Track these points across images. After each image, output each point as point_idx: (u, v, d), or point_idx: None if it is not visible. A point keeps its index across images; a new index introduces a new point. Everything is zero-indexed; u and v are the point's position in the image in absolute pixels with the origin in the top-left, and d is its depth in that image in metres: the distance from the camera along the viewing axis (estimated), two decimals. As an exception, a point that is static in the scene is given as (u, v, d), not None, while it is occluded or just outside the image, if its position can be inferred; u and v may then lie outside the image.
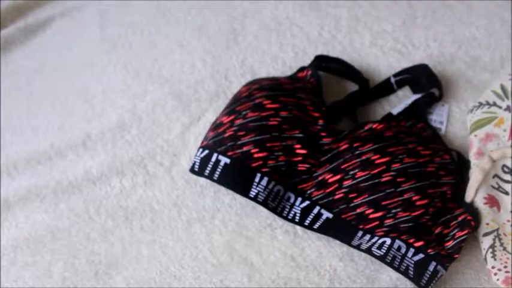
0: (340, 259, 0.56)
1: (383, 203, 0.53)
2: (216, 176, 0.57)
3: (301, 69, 0.65)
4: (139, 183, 0.62)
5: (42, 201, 0.62)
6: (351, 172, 0.54)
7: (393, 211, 0.53)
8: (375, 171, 0.53)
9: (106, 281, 0.56)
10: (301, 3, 0.76)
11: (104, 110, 0.69)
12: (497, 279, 0.51)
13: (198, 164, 0.58)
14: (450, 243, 0.52)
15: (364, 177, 0.54)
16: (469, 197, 0.55)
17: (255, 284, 0.55)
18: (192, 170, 0.59)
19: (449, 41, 0.71)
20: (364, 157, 0.54)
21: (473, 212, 0.54)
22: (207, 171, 0.57)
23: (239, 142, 0.56)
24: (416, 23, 0.73)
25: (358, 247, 0.55)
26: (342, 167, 0.55)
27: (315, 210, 0.56)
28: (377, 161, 0.54)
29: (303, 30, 0.73)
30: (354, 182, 0.54)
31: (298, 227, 0.58)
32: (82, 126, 0.67)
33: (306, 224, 0.56)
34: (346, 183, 0.54)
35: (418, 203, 0.53)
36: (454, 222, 0.53)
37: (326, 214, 0.56)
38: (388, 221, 0.53)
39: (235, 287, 0.55)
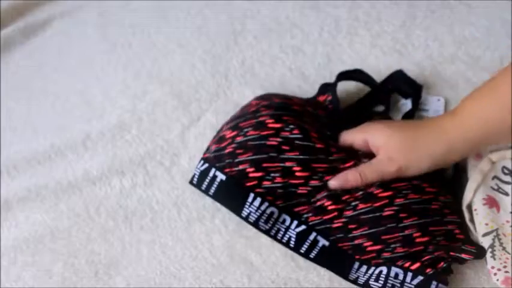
0: (340, 259, 0.56)
1: (383, 237, 0.52)
2: (211, 191, 0.57)
3: (323, 88, 0.63)
4: (139, 183, 0.62)
5: (42, 201, 0.62)
6: (353, 203, 0.53)
7: (392, 246, 0.52)
8: (377, 204, 0.52)
9: (106, 281, 0.56)
10: (301, 3, 0.76)
11: (104, 110, 0.69)
12: (497, 280, 0.51)
13: (197, 176, 0.59)
14: (442, 264, 0.51)
15: (365, 210, 0.53)
16: (467, 198, 0.55)
17: (255, 284, 0.55)
18: (191, 182, 0.59)
19: (449, 41, 0.71)
20: (368, 190, 0.53)
21: (480, 249, 0.52)
22: (204, 186, 0.58)
23: (236, 160, 0.55)
24: (416, 23, 0.73)
25: (355, 282, 0.53)
26: (343, 198, 0.54)
27: (311, 237, 0.55)
28: (380, 195, 0.53)
29: (303, 31, 0.73)
30: (355, 213, 0.53)
31: (298, 227, 0.58)
32: (82, 126, 0.67)
33: (302, 251, 0.55)
34: (347, 213, 0.53)
35: (418, 240, 0.51)
36: (456, 254, 0.52)
37: (322, 241, 0.55)
38: (386, 255, 0.52)
39: (235, 287, 0.55)
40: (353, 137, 0.57)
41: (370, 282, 0.52)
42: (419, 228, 0.51)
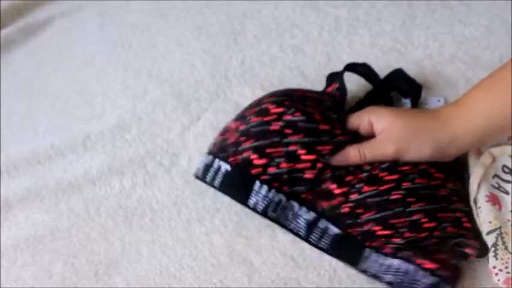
0: (340, 259, 0.56)
1: (391, 221, 0.51)
2: (216, 182, 0.55)
3: (330, 78, 0.63)
4: (139, 183, 0.62)
5: (42, 201, 0.62)
6: (357, 186, 0.53)
7: (400, 230, 0.51)
8: (384, 187, 0.52)
9: (106, 281, 0.56)
10: (301, 3, 0.76)
11: (104, 110, 0.69)
12: (498, 280, 0.51)
13: (201, 169, 0.57)
14: (454, 270, 0.51)
15: (371, 193, 0.52)
16: (472, 192, 0.55)
17: (255, 284, 0.55)
18: (195, 176, 0.58)
19: (449, 41, 0.71)
20: (373, 172, 0.53)
21: (484, 247, 0.52)
22: (208, 178, 0.56)
23: (240, 148, 0.54)
24: (416, 23, 0.73)
25: (365, 271, 0.53)
26: (347, 179, 0.53)
27: (321, 225, 0.54)
28: (386, 178, 0.52)
29: (303, 31, 0.73)
30: (361, 196, 0.52)
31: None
32: (82, 126, 0.67)
33: (312, 240, 0.54)
34: (353, 197, 0.53)
35: (425, 225, 0.51)
36: (460, 248, 0.52)
37: (333, 229, 0.54)
38: (396, 240, 0.51)
39: (235, 287, 0.55)
40: (360, 118, 0.56)
41: (379, 274, 0.52)
42: (426, 214, 0.51)
